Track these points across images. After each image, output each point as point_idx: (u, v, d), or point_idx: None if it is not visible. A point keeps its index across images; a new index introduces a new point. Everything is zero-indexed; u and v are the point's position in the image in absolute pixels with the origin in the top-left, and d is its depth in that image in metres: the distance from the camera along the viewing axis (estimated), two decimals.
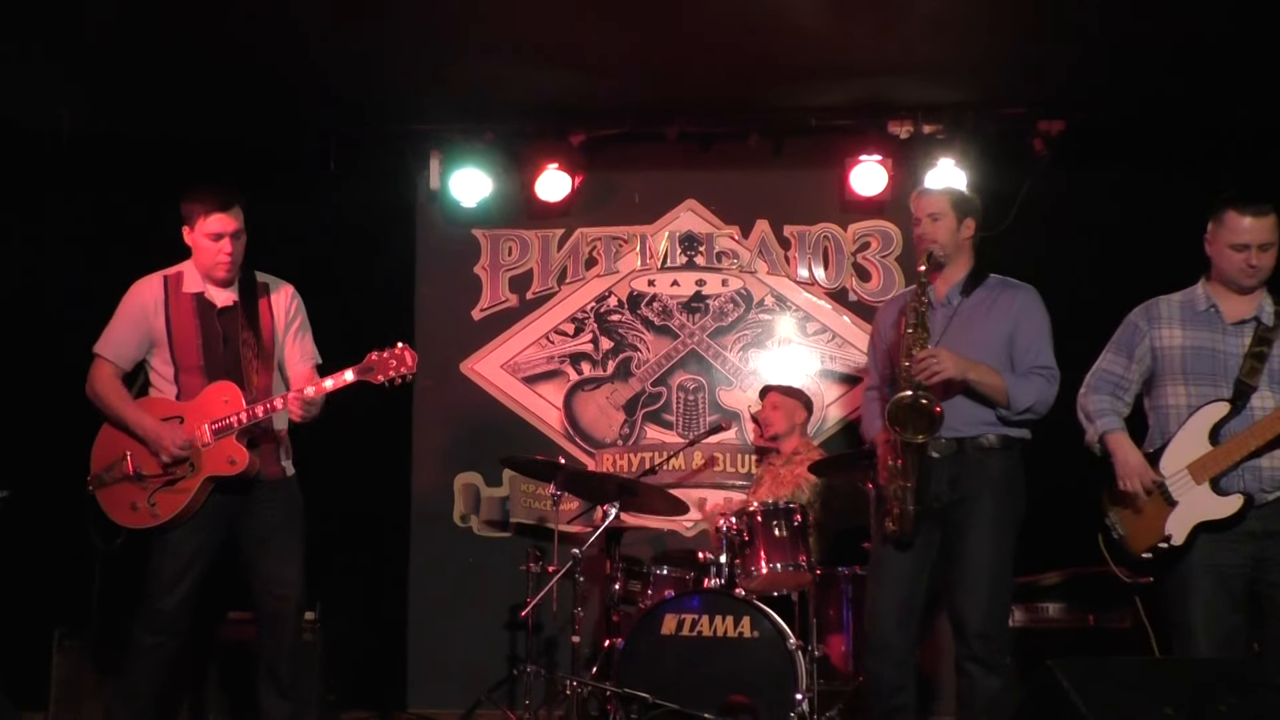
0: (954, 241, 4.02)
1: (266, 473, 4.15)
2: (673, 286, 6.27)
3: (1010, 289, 4.03)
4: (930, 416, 3.72)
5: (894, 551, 3.89)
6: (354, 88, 5.68)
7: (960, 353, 3.85)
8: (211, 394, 4.06)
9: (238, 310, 4.17)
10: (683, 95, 5.85)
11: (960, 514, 3.86)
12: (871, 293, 6.16)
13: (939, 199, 4.06)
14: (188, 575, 4.05)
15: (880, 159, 5.97)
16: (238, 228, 4.10)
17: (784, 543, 4.87)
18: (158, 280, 4.20)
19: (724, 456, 6.11)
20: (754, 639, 4.69)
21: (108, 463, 4.11)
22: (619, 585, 5.12)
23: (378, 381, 4.03)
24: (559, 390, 6.24)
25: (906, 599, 3.90)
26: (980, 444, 3.88)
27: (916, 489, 3.81)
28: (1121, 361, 3.96)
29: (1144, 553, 3.78)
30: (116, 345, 4.16)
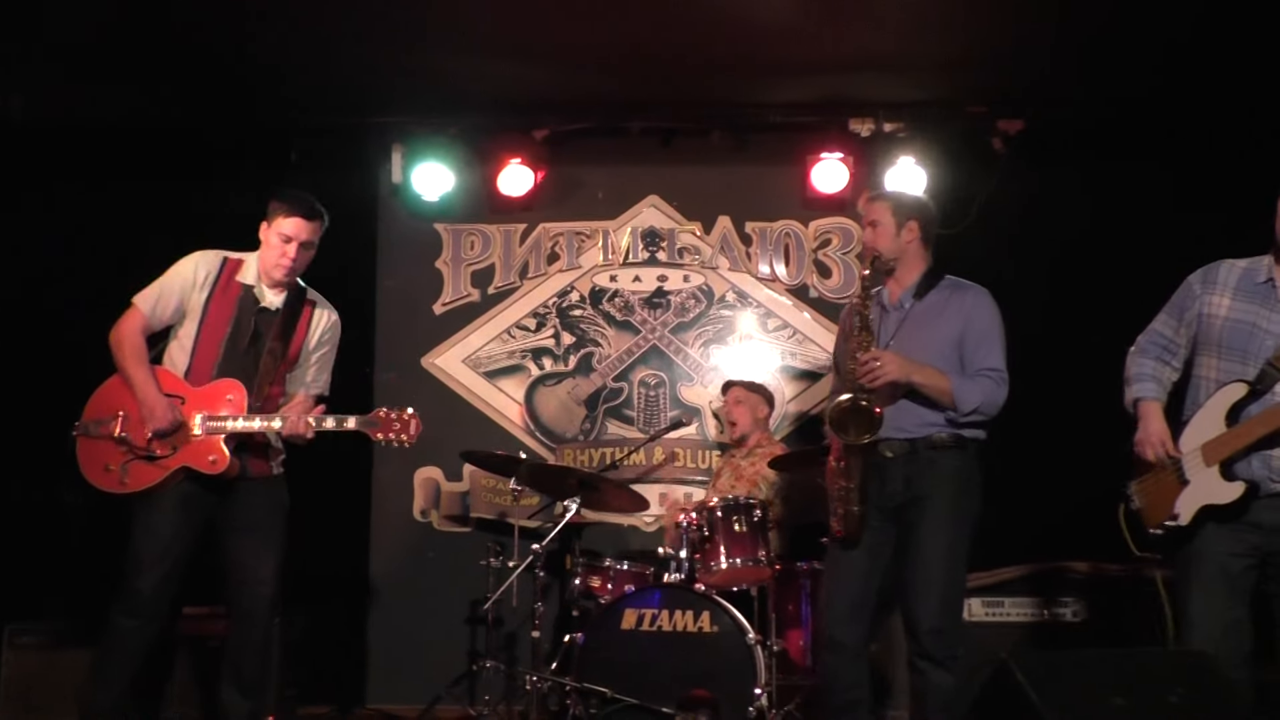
0: (895, 247, 4.01)
1: (253, 470, 4.14)
2: (635, 282, 6.28)
3: (962, 290, 4.02)
4: (870, 418, 3.72)
5: (845, 550, 3.91)
6: (314, 79, 5.65)
7: (911, 355, 3.86)
8: (219, 388, 4.06)
9: (278, 316, 4.17)
10: (646, 91, 5.86)
11: (914, 513, 3.87)
12: (832, 289, 6.19)
13: (877, 205, 4.06)
14: (166, 558, 4.00)
15: (841, 156, 6.00)
16: (309, 239, 4.13)
17: (744, 538, 4.88)
18: (217, 256, 4.19)
19: (685, 452, 6.12)
20: (713, 634, 4.70)
21: (99, 416, 4.06)
22: (579, 580, 5.11)
23: (375, 438, 4.08)
24: (520, 385, 6.24)
25: (859, 597, 3.91)
26: (933, 442, 3.88)
27: (861, 489, 3.83)
28: (1172, 324, 3.76)
29: (1154, 529, 3.65)
30: (155, 301, 4.11)
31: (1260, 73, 5.31)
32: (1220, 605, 3.53)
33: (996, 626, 5.09)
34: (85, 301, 5.67)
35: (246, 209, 4.39)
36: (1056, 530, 5.41)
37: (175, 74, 5.53)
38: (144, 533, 4.01)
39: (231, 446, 4.03)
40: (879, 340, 3.95)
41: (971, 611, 5.05)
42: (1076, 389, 5.17)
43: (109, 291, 4.29)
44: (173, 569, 4.04)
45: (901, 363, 3.82)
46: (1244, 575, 3.53)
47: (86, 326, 4.36)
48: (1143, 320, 4.00)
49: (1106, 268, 5.75)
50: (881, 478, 3.87)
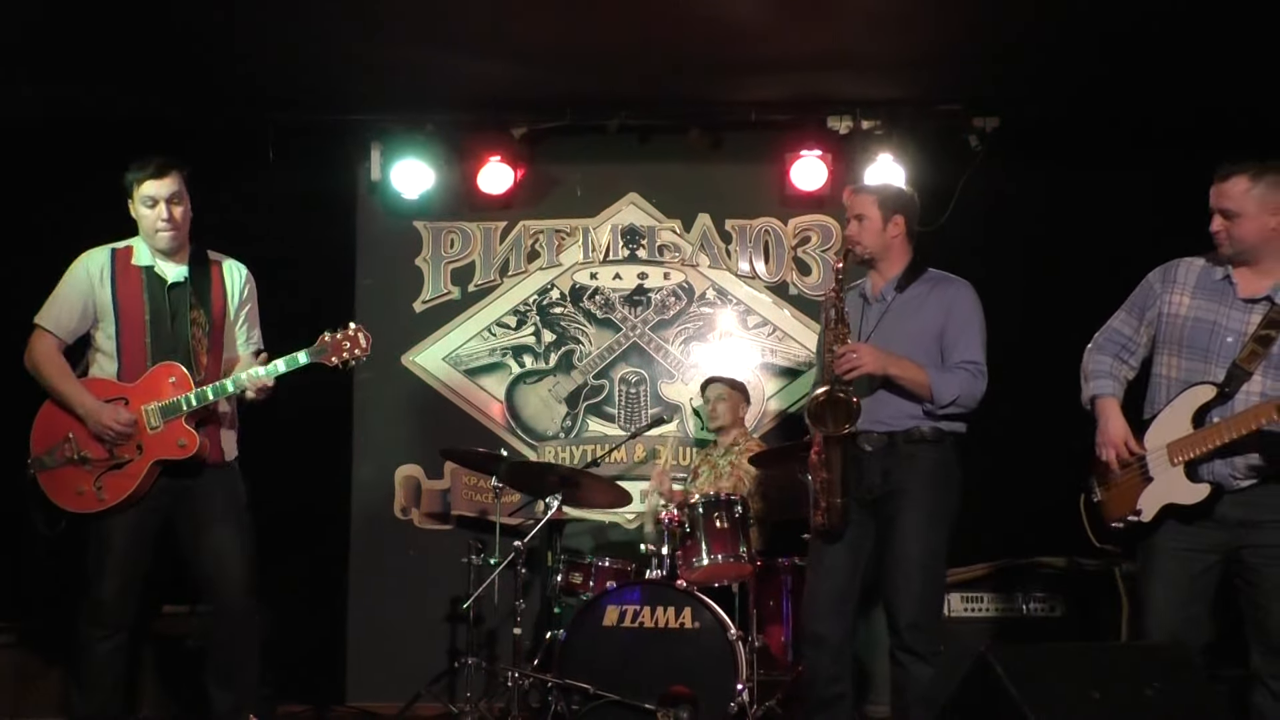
0: (881, 241, 4.03)
1: (210, 458, 4.02)
2: (615, 280, 6.28)
3: (944, 284, 4.05)
4: (848, 409, 3.74)
5: (827, 544, 3.92)
6: (292, 76, 5.63)
7: (892, 347, 3.87)
8: (157, 375, 3.94)
9: (188, 286, 4.06)
10: (624, 88, 5.86)
11: (892, 506, 3.89)
12: (811, 287, 6.21)
13: (864, 199, 4.07)
14: (124, 565, 3.94)
15: (820, 154, 6.00)
16: (174, 192, 3.99)
17: (725, 534, 4.89)
18: (104, 252, 4.08)
19: (666, 449, 6.07)
20: (695, 630, 4.72)
21: (49, 445, 3.96)
22: (560, 577, 5.13)
23: (330, 364, 3.98)
24: (501, 383, 6.23)
25: (841, 590, 3.93)
26: (911, 436, 3.89)
27: (841, 482, 3.84)
28: (1131, 323, 3.78)
29: (1115, 522, 3.67)
30: (58, 315, 4.02)
31: (1234, 70, 5.36)
32: (1180, 599, 3.56)
33: (975, 621, 5.14)
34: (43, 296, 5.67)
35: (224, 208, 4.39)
36: (1033, 526, 5.43)
37: (150, 69, 5.49)
38: (98, 543, 3.94)
39: (194, 425, 3.94)
40: (860, 332, 3.97)
41: (951, 607, 5.10)
42: (1053, 385, 5.17)
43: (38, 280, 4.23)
44: (132, 574, 3.97)
45: (878, 355, 3.83)
46: (1205, 573, 3.56)
47: None
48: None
49: (1082, 264, 5.79)
50: (860, 471, 3.88)
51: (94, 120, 5.88)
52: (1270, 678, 3.49)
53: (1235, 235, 3.52)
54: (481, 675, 5.33)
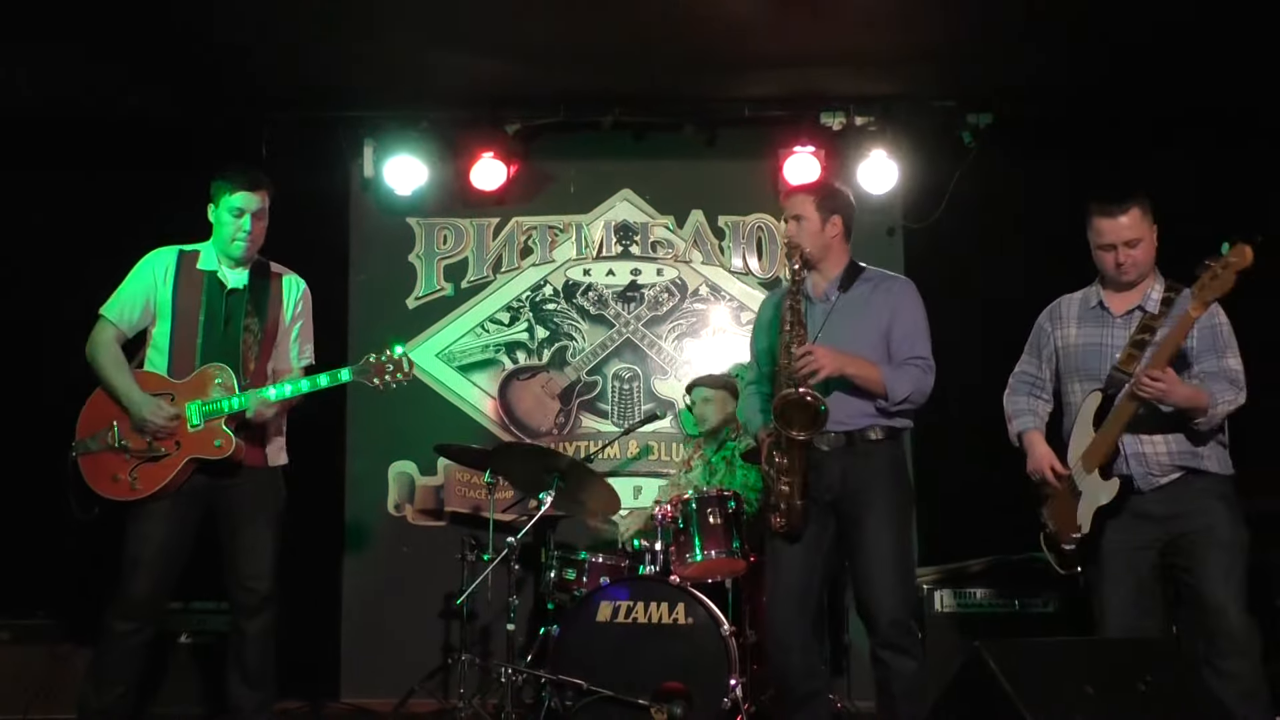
0: (820, 241, 4.00)
1: (248, 460, 4.12)
2: (608, 276, 6.28)
3: (886, 281, 4.06)
4: (814, 413, 3.74)
5: (786, 544, 3.91)
6: (286, 72, 5.63)
7: (839, 347, 3.87)
8: (204, 375, 4.06)
9: (246, 294, 4.17)
10: (617, 85, 5.85)
11: (853, 506, 3.88)
12: None
13: (801, 199, 4.05)
14: (160, 560, 4.01)
15: (813, 150, 5.98)
16: (261, 209, 4.13)
17: (718, 530, 4.89)
18: (171, 252, 4.19)
19: (659, 445, 6.14)
20: (688, 626, 4.73)
21: (94, 430, 4.07)
22: (554, 573, 5.12)
23: (372, 384, 4.10)
24: (494, 379, 6.23)
25: (802, 589, 3.92)
26: (867, 437, 3.90)
27: (803, 484, 3.84)
28: (1034, 362, 4.09)
29: (1065, 544, 3.87)
30: (121, 308, 4.13)
31: (1229, 66, 5.37)
32: (1129, 595, 3.77)
33: (966, 617, 5.16)
34: (50, 293, 5.68)
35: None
36: (1027, 522, 5.44)
37: (144, 65, 5.49)
38: (136, 536, 4.01)
39: (233, 428, 4.03)
40: (807, 333, 3.94)
41: (943, 603, 5.11)
42: None
43: (73, 282, 4.26)
44: (167, 571, 4.05)
45: (834, 356, 3.82)
46: (1146, 565, 3.78)
47: (52, 319, 4.33)
48: None
49: (1076, 259, 5.77)
50: (817, 471, 3.88)
51: (88, 117, 5.88)
52: (1215, 657, 3.64)
53: (1140, 261, 3.83)
54: (475, 671, 5.31)
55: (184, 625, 5.31)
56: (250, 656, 4.10)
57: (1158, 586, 3.80)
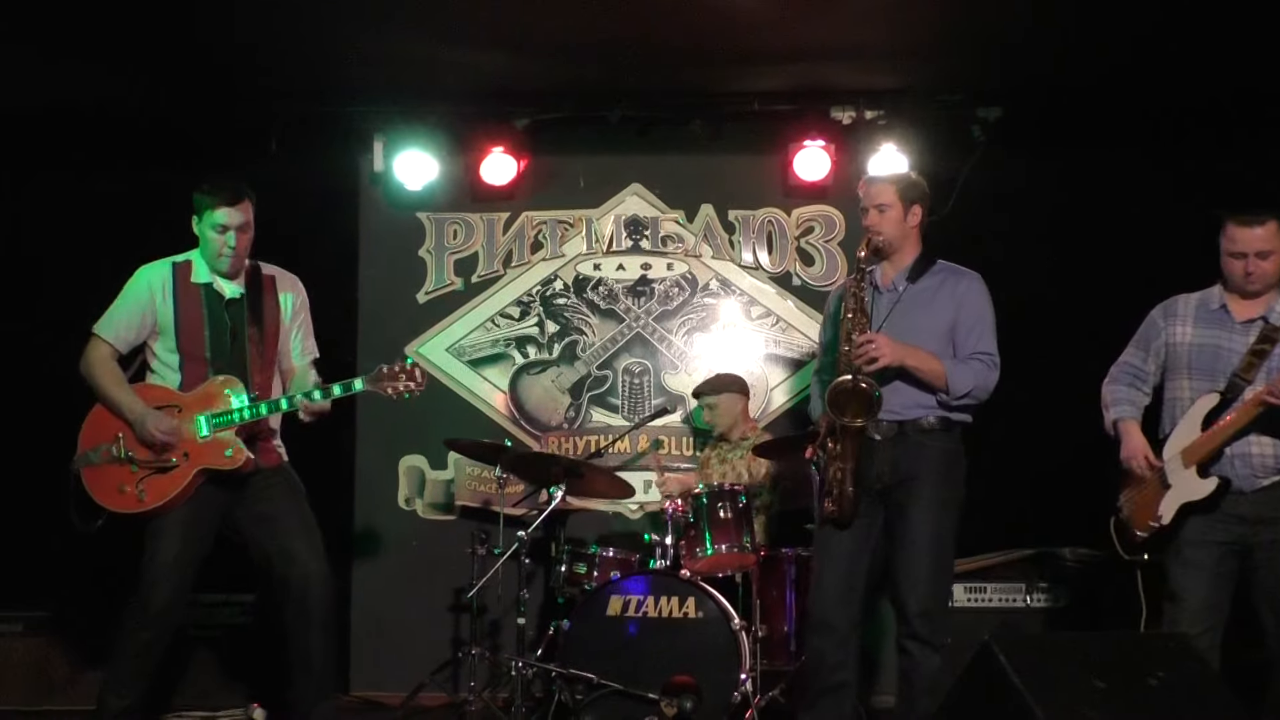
0: (901, 230, 4.04)
1: (264, 461, 4.17)
2: (618, 270, 6.27)
3: (955, 275, 4.07)
4: (869, 401, 3.76)
5: (835, 531, 3.94)
6: (294, 67, 5.61)
7: (903, 338, 3.89)
8: (214, 387, 4.09)
9: (244, 303, 4.18)
10: (625, 79, 5.82)
11: (901, 495, 3.91)
12: (815, 277, 6.20)
13: (885, 188, 4.07)
14: (179, 566, 4.05)
15: (823, 144, 5.97)
16: (244, 221, 4.12)
17: (729, 524, 4.91)
18: (165, 266, 4.20)
19: (669, 439, 6.13)
20: (698, 620, 4.75)
21: (97, 443, 4.09)
22: (564, 567, 5.13)
23: (385, 394, 4.11)
24: (504, 373, 6.23)
25: (848, 578, 3.95)
26: (920, 426, 3.92)
27: (855, 471, 3.85)
28: (1140, 355, 4.19)
29: (1140, 532, 4.00)
30: (117, 328, 4.14)
31: (1240, 55, 5.34)
32: (1203, 587, 3.86)
33: (979, 612, 5.17)
34: (59, 292, 5.70)
35: None
36: (1039, 517, 5.46)
37: (150, 60, 5.48)
38: (156, 543, 4.04)
39: (244, 438, 4.06)
40: (871, 322, 3.97)
41: (955, 598, 5.11)
42: (1059, 375, 5.21)
43: (82, 282, 4.27)
44: (184, 579, 4.09)
45: (895, 346, 3.84)
46: (1225, 562, 3.88)
47: (61, 316, 4.35)
48: (1126, 305, 4.33)
49: (1086, 253, 5.79)
50: (869, 459, 3.89)
51: (94, 113, 5.89)
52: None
53: (1268, 272, 3.95)
54: (485, 665, 5.33)
55: (192, 618, 5.33)
56: (312, 647, 4.13)
57: (1230, 586, 3.91)
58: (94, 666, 5.04)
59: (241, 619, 5.47)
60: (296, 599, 4.14)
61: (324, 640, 4.17)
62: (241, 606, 5.47)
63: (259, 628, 5.43)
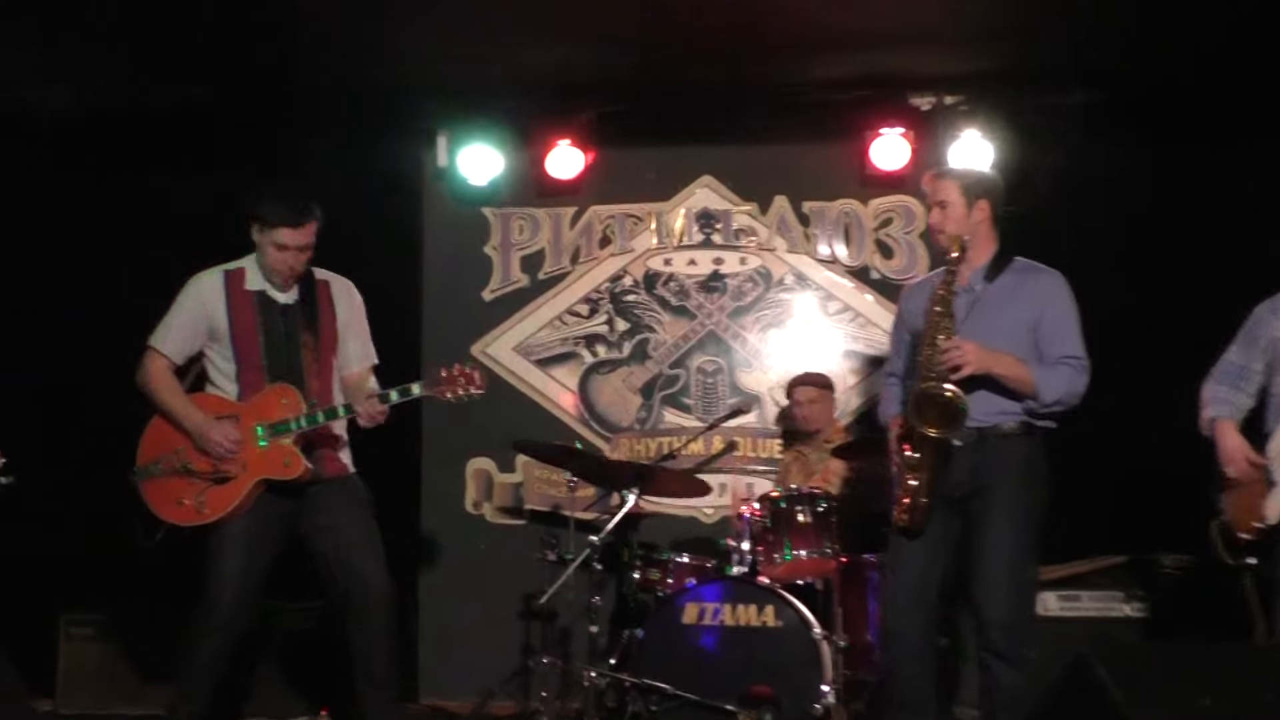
0: (965, 227, 3.98)
1: (328, 471, 4.21)
2: (689, 265, 6.27)
3: (1035, 274, 4.02)
4: (954, 412, 3.73)
5: (907, 540, 3.91)
6: (357, 62, 5.65)
7: (982, 340, 3.85)
8: (270, 395, 4.13)
9: (298, 310, 4.23)
10: (694, 67, 5.80)
11: (979, 503, 3.87)
12: (894, 271, 6.15)
13: (946, 185, 4.04)
14: (246, 572, 4.11)
15: (902, 132, 5.93)
16: (304, 243, 4.16)
17: (808, 529, 4.89)
18: (217, 274, 4.25)
19: (744, 441, 6.11)
20: (777, 628, 4.72)
21: (157, 455, 4.16)
22: (638, 574, 5.14)
23: (444, 398, 4.10)
24: (573, 373, 6.25)
25: (922, 586, 3.92)
26: (1001, 431, 3.88)
27: (930, 481, 3.83)
28: (1244, 352, 4.09)
29: (1243, 533, 3.91)
30: (172, 340, 4.21)
31: None
32: None
33: (1072, 622, 5.09)
34: (117, 291, 5.79)
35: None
36: (1135, 521, 5.36)
37: (214, 59, 5.57)
38: (221, 549, 4.10)
39: (301, 446, 4.10)
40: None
41: (1046, 606, 5.04)
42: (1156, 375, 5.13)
43: (139, 283, 4.32)
44: (252, 582, 4.15)
45: (982, 353, 3.80)
46: None
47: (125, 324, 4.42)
48: (1226, 303, 4.20)
49: (1187, 249, 5.65)
50: (946, 466, 3.86)
51: (153, 111, 5.97)
52: None
53: None
54: (556, 674, 5.33)
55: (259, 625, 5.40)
56: (375, 656, 4.17)
57: None
58: (164, 672, 5.10)
59: (308, 624, 5.55)
60: (358, 611, 4.18)
61: (386, 652, 4.22)
62: (308, 612, 5.54)
63: (326, 634, 5.49)
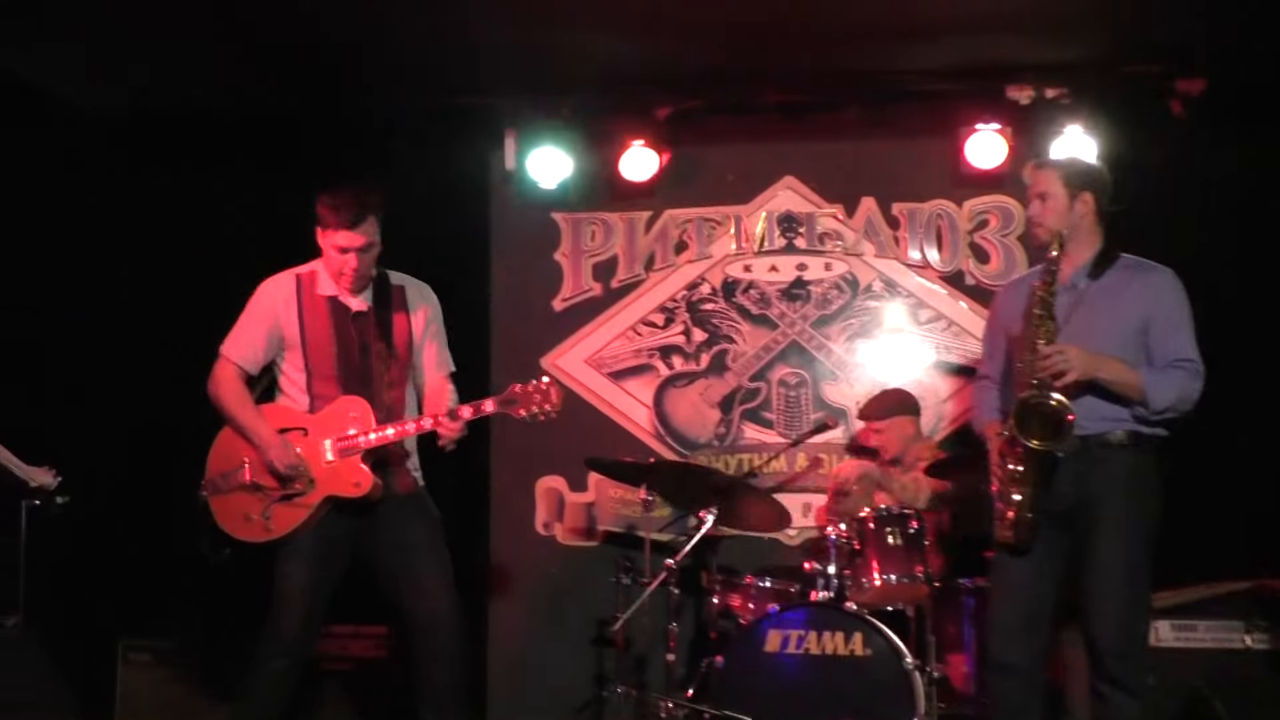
0: (1067, 221, 3.94)
1: (399, 487, 4.20)
2: (771, 272, 6.22)
3: (1144, 271, 3.97)
4: (1058, 424, 3.68)
5: (1012, 559, 3.86)
6: (419, 60, 5.67)
7: (1085, 342, 3.79)
8: (340, 408, 4.12)
9: (370, 317, 4.22)
10: (776, 61, 5.77)
11: (1087, 518, 3.81)
12: (990, 275, 6.05)
13: (1047, 175, 4.01)
14: (310, 595, 4.12)
15: (998, 127, 5.85)
16: (365, 243, 4.12)
17: (899, 552, 4.84)
18: (289, 279, 4.24)
19: (830, 458, 6.05)
20: (866, 657, 4.68)
21: (225, 469, 4.18)
22: (717, 598, 5.13)
23: (519, 416, 4.07)
24: (648, 386, 6.24)
25: (1030, 611, 3.88)
26: (1107, 440, 3.82)
27: (1034, 496, 3.77)
28: None
29: None
30: (244, 347, 4.21)
31: None
32: None
33: (1187, 653, 4.97)
34: (184, 298, 5.88)
35: None
36: (1256, 543, 5.25)
37: (269, 58, 5.60)
38: (286, 571, 4.11)
39: (370, 464, 4.08)
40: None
41: (1159, 635, 4.94)
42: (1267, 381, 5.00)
43: (205, 289, 4.34)
44: (317, 605, 4.16)
45: (1087, 359, 3.74)
46: None
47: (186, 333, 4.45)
48: None
49: None
50: (1048, 478, 3.79)
51: (208, 113, 6.05)
52: None
53: None
54: (631, 704, 5.34)
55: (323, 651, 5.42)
56: (442, 681, 4.16)
57: None
58: (223, 699, 5.17)
59: (375, 652, 5.56)
60: (425, 635, 4.17)
61: (454, 678, 4.20)
62: (375, 640, 5.57)
63: (393, 661, 5.48)
